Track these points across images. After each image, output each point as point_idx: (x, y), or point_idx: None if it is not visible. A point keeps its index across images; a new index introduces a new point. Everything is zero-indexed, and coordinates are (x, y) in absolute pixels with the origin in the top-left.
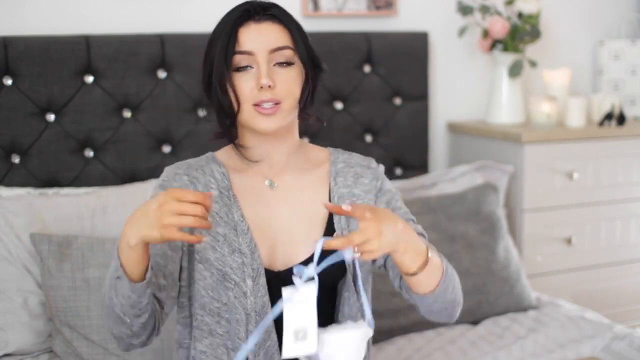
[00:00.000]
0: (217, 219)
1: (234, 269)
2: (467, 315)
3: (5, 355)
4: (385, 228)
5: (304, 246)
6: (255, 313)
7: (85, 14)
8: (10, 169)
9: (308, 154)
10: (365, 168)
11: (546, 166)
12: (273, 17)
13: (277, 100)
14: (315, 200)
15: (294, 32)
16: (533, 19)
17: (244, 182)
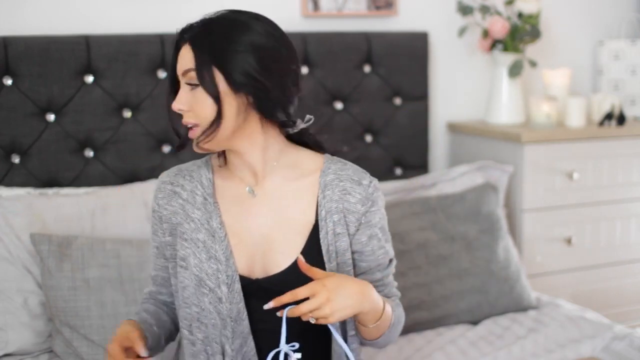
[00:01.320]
0: (198, 226)
1: (209, 275)
2: (467, 315)
3: (5, 355)
4: (335, 295)
5: (283, 255)
6: (230, 319)
7: (85, 14)
8: (10, 169)
9: (295, 160)
10: (356, 184)
11: (546, 166)
12: (189, 38)
13: (192, 122)
14: (300, 210)
15: (198, 53)
16: (533, 19)
17: (227, 189)
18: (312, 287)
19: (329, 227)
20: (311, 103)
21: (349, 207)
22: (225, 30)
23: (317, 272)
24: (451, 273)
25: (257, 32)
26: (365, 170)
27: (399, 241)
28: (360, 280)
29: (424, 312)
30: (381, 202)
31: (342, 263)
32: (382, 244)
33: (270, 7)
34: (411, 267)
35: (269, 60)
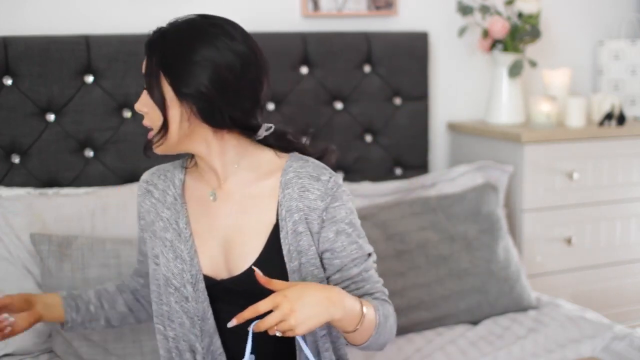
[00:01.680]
0: (167, 225)
1: (175, 275)
2: (467, 315)
3: (5, 355)
4: (299, 305)
5: (244, 256)
6: (197, 318)
7: (85, 14)
8: (10, 169)
9: (258, 161)
10: (315, 180)
11: (546, 166)
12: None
13: (147, 125)
14: (261, 210)
15: (150, 60)
16: (533, 19)
17: (195, 190)
18: (274, 300)
19: (289, 227)
20: (311, 103)
21: (309, 205)
22: (182, 40)
23: (277, 284)
24: (451, 273)
25: (215, 47)
26: (327, 167)
27: (399, 241)
28: (326, 286)
29: (424, 312)
30: (345, 197)
31: (305, 263)
32: (354, 239)
33: (270, 7)
34: (411, 267)
35: (223, 77)
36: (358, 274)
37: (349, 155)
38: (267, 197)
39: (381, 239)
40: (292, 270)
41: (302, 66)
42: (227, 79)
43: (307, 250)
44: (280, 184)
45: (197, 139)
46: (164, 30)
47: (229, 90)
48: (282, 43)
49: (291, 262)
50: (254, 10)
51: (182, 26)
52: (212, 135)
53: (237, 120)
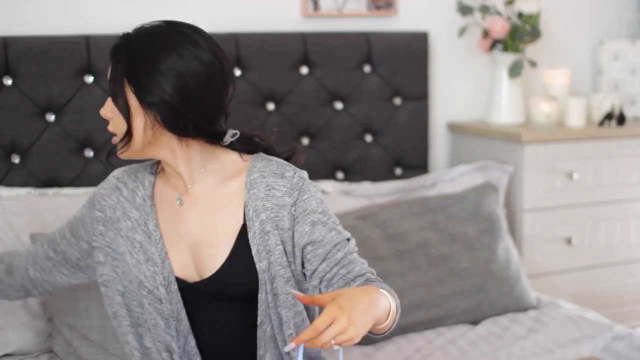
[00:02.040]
0: (135, 226)
1: (147, 277)
2: (467, 315)
3: (5, 355)
4: (354, 315)
5: (213, 259)
6: (172, 319)
7: (85, 14)
8: (10, 169)
9: (223, 164)
10: (279, 177)
11: (546, 166)
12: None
13: (111, 131)
14: (228, 213)
15: (114, 66)
16: (533, 19)
17: (165, 192)
18: (330, 314)
19: (256, 227)
20: (311, 103)
21: (277, 202)
22: (147, 48)
23: (320, 299)
24: (451, 273)
25: (179, 55)
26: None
27: (399, 241)
28: (365, 287)
29: (424, 312)
30: (312, 189)
31: (273, 262)
32: (331, 226)
33: (270, 7)
34: (411, 267)
35: (187, 86)
36: (344, 257)
37: (349, 155)
38: (234, 198)
39: (381, 239)
40: (261, 269)
41: (302, 66)
42: (192, 88)
43: (274, 249)
44: (246, 185)
45: (162, 146)
46: (129, 36)
47: (194, 98)
48: (282, 43)
49: (260, 261)
50: (254, 10)
51: (146, 33)
52: (177, 142)
53: (202, 128)
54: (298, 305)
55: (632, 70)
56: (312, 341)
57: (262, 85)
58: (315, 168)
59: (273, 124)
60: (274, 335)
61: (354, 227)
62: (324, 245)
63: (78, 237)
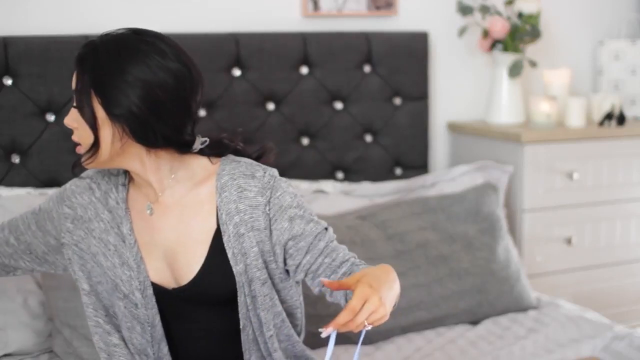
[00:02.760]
0: (108, 227)
1: (123, 281)
2: (467, 315)
3: (5, 355)
4: (384, 292)
5: (189, 266)
6: (147, 324)
7: (85, 14)
8: (10, 169)
9: (192, 170)
10: (249, 178)
11: (546, 166)
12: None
13: (75, 141)
14: (201, 218)
15: (79, 76)
16: (533, 19)
17: (137, 200)
18: (362, 294)
19: (230, 230)
20: (311, 103)
21: (250, 203)
22: (113, 58)
23: (347, 282)
24: (451, 273)
25: (147, 65)
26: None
27: (398, 241)
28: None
29: (424, 312)
30: (284, 184)
31: (249, 264)
32: (308, 218)
33: (270, 7)
34: (411, 267)
35: (155, 96)
36: (326, 247)
37: (349, 155)
38: (205, 203)
39: (381, 239)
40: (238, 272)
41: (302, 66)
42: (160, 98)
43: (249, 251)
44: (217, 189)
45: (130, 157)
46: (94, 45)
47: (162, 109)
48: (282, 43)
49: (237, 265)
50: (254, 10)
51: (113, 43)
52: (146, 152)
53: (170, 138)
54: (276, 306)
55: (632, 70)
56: (347, 324)
57: (262, 85)
58: (315, 168)
59: (273, 124)
60: (256, 337)
61: (354, 227)
62: (305, 238)
63: (45, 231)
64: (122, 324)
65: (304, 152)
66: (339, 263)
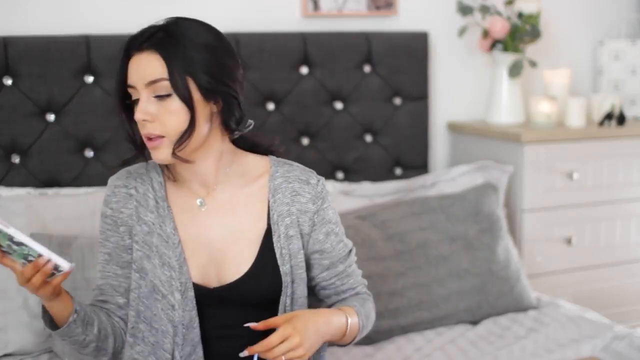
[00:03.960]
0: (151, 229)
1: (162, 282)
2: (467, 315)
3: (5, 355)
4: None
5: (237, 265)
6: (182, 326)
7: (85, 14)
8: (10, 169)
9: (244, 167)
10: (304, 184)
11: (546, 166)
12: (152, 46)
13: (157, 134)
14: (251, 217)
15: (171, 61)
16: (533, 19)
17: (179, 196)
18: (284, 332)
19: (281, 231)
20: (311, 103)
21: (300, 208)
22: (189, 38)
23: (276, 320)
24: (451, 273)
25: (216, 38)
26: (311, 169)
27: (398, 241)
28: (317, 310)
29: (424, 312)
30: (329, 197)
31: (294, 265)
32: (340, 237)
33: (270, 7)
34: (411, 267)
35: (229, 66)
36: (343, 271)
37: (349, 155)
38: (256, 202)
39: (381, 239)
40: (284, 273)
41: (302, 66)
42: (232, 67)
43: (297, 253)
44: (270, 189)
45: (208, 145)
46: (165, 31)
47: (240, 87)
48: (282, 43)
49: (283, 265)
50: (254, 10)
51: (180, 26)
52: (219, 137)
53: (242, 112)
54: (306, 307)
55: (632, 70)
56: (265, 354)
57: (262, 85)
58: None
59: (273, 124)
60: None
61: (354, 227)
62: (330, 257)
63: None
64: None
65: (304, 152)
66: (345, 289)
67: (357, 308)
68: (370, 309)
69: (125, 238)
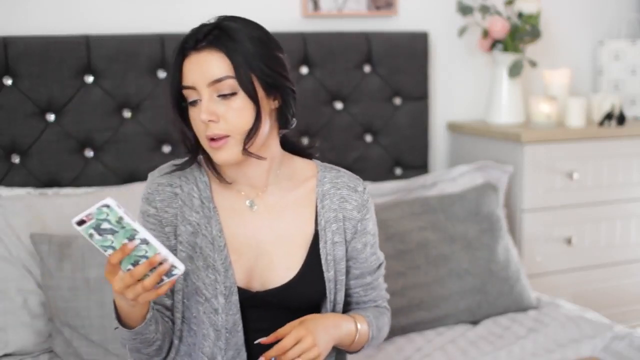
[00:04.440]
0: (196, 229)
1: (206, 285)
2: (467, 315)
3: (5, 355)
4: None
5: (283, 269)
6: (225, 330)
7: (85, 14)
8: (10, 169)
9: (292, 169)
10: (352, 191)
11: (546, 166)
12: (212, 45)
13: (223, 134)
14: (299, 221)
15: (234, 58)
16: (533, 19)
17: (225, 197)
18: (297, 334)
19: (328, 237)
20: (311, 103)
21: (346, 215)
22: (246, 34)
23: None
24: (451, 273)
25: (266, 33)
26: (357, 176)
27: (398, 241)
28: (326, 314)
29: (424, 312)
30: (373, 207)
31: (338, 271)
32: (375, 250)
33: (270, 7)
34: (411, 267)
35: (282, 60)
36: (370, 283)
37: (349, 155)
38: (304, 207)
39: (381, 239)
40: (328, 278)
41: (302, 66)
42: (285, 63)
43: (341, 259)
44: (317, 195)
45: (268, 142)
46: (224, 26)
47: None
48: (282, 43)
49: (328, 270)
50: (254, 10)
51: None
52: (275, 136)
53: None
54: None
55: (632, 70)
56: (279, 357)
57: None
58: None
59: None
60: None
61: None
62: (361, 268)
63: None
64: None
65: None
66: (367, 300)
67: (369, 318)
68: (385, 323)
69: (171, 238)
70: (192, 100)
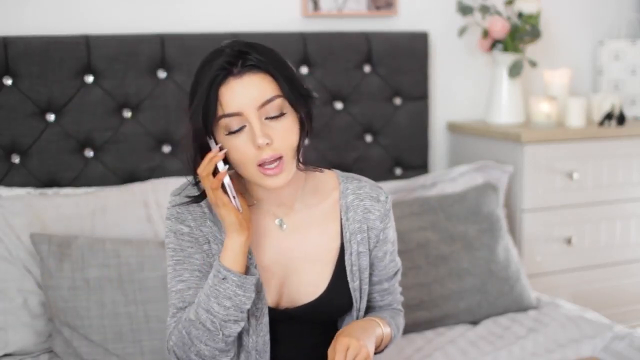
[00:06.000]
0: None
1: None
2: (467, 315)
3: (5, 355)
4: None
5: (312, 286)
6: (255, 352)
7: (85, 14)
8: (10, 169)
9: (316, 183)
10: (375, 201)
11: (546, 166)
12: (253, 67)
13: (277, 155)
14: (325, 237)
15: (278, 77)
16: (533, 19)
17: (253, 217)
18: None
19: (353, 249)
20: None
21: (370, 225)
22: (273, 51)
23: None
24: (451, 273)
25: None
26: (378, 185)
27: (399, 241)
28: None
29: (424, 312)
30: (393, 216)
31: (362, 280)
32: (393, 257)
33: (270, 7)
34: (411, 267)
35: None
36: (387, 289)
37: (349, 155)
38: (330, 221)
39: None
40: (353, 289)
41: (302, 66)
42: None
43: (365, 269)
44: (341, 207)
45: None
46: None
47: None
48: (282, 43)
49: (353, 281)
50: (254, 10)
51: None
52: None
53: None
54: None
55: (632, 70)
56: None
57: None
58: None
59: None
60: None
61: None
62: (380, 275)
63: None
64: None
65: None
66: (382, 304)
67: (388, 319)
68: (401, 322)
69: (210, 255)
70: (237, 129)
